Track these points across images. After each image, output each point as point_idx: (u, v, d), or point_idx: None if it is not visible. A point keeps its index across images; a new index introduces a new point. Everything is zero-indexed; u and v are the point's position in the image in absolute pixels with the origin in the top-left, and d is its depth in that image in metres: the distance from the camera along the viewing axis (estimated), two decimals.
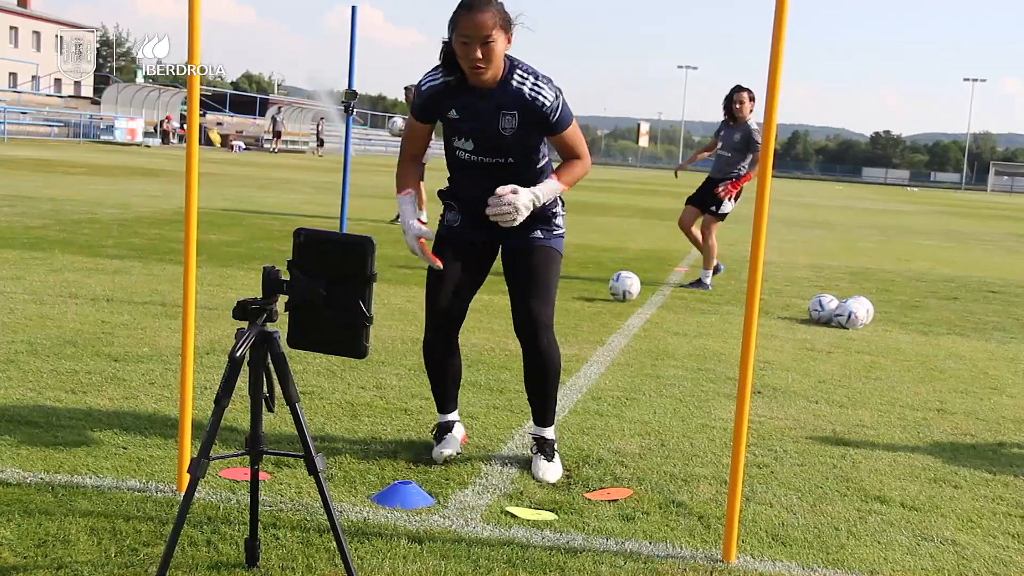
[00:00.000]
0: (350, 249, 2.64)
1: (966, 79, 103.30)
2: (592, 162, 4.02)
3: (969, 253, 16.49)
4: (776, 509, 3.66)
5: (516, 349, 6.07)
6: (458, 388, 4.09)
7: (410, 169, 3.86)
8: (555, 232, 3.92)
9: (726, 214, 9.76)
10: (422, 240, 3.73)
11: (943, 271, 12.97)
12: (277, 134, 54.86)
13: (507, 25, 3.57)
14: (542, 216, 3.84)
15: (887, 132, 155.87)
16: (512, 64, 3.66)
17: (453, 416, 4.08)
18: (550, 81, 3.69)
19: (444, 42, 3.65)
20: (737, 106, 9.46)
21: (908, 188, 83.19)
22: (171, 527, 2.98)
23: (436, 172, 8.04)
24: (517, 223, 3.62)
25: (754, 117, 9.58)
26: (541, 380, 3.88)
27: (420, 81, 3.76)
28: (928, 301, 9.81)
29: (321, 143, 55.68)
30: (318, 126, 57.45)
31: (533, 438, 3.98)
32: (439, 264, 3.76)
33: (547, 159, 3.88)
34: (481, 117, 3.68)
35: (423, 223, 3.82)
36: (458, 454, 4.01)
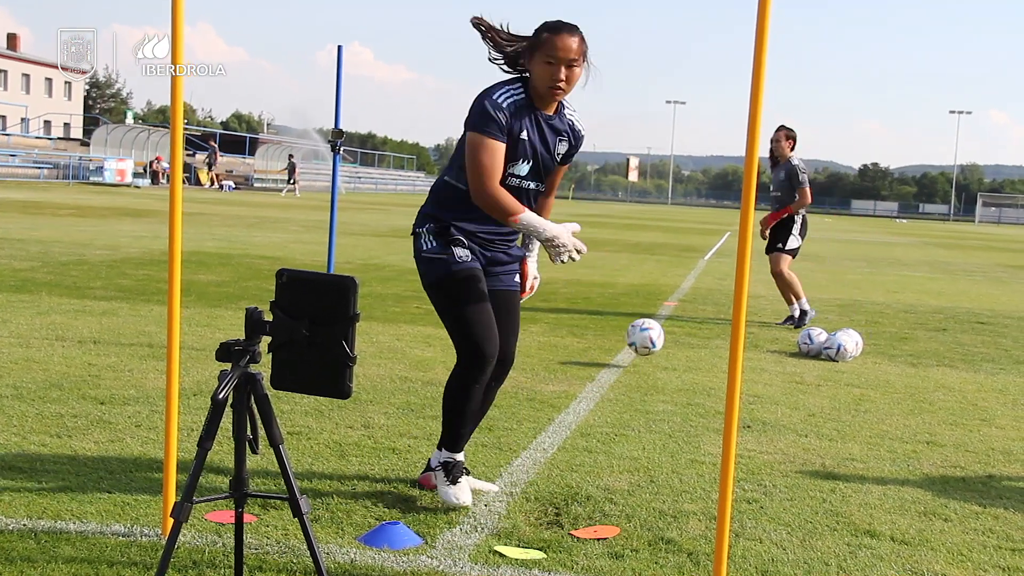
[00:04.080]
0: (333, 289, 2.64)
1: (952, 111, 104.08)
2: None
3: (957, 284, 16.55)
4: (766, 544, 3.64)
5: (503, 385, 6.05)
6: None
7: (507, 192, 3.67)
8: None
9: (794, 249, 9.79)
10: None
11: (932, 303, 13.01)
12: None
13: (587, 55, 3.68)
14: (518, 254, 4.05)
15: (875, 164, 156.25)
16: None
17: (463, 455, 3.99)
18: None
19: (510, 64, 3.75)
20: (774, 144, 9.66)
21: (897, 220, 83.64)
22: (155, 572, 2.95)
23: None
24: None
25: (796, 154, 9.67)
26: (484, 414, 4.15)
27: (495, 96, 3.61)
28: (917, 333, 9.83)
29: (292, 181, 49.98)
30: (290, 161, 51.60)
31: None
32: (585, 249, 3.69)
33: None
34: (545, 140, 3.77)
35: None
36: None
